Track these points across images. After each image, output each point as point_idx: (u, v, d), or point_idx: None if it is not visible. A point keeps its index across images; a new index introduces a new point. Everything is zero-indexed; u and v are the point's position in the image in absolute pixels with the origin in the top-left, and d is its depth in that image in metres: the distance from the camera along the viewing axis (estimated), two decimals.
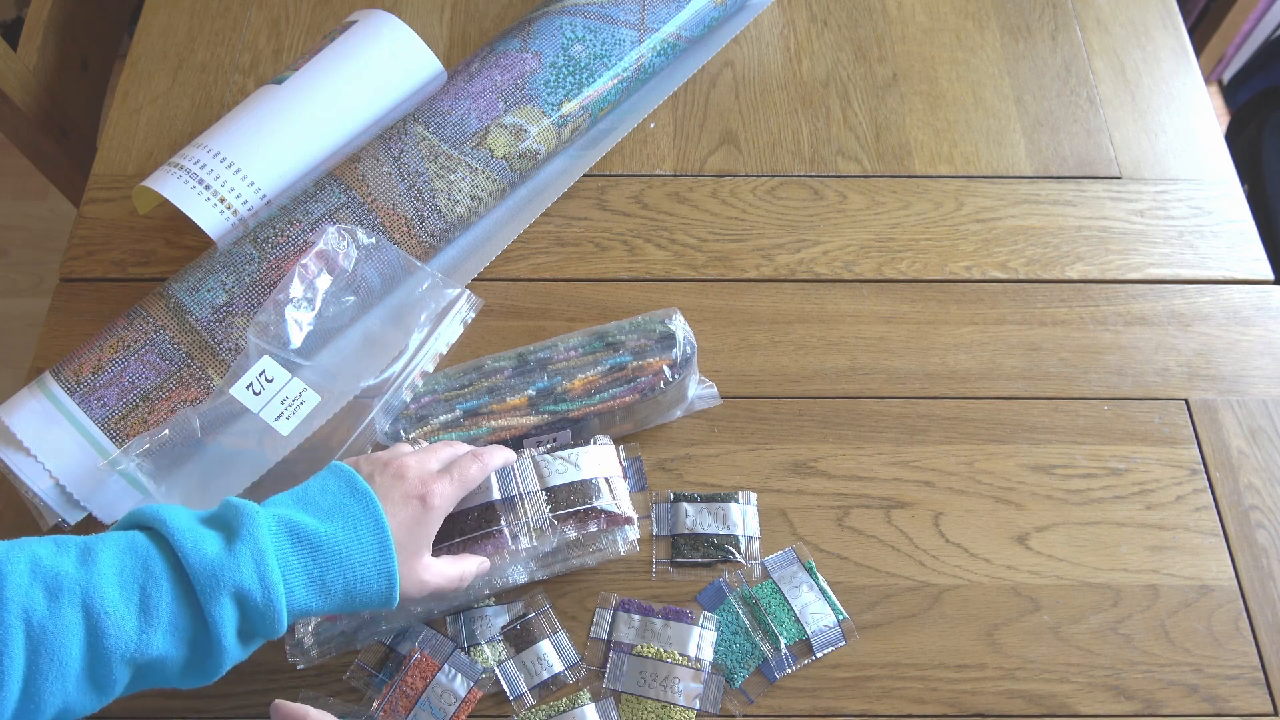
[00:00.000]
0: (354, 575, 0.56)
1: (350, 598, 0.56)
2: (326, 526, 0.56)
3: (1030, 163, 0.88)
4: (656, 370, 0.70)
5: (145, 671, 0.53)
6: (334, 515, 0.57)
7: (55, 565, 0.51)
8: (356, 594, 0.56)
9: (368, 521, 0.57)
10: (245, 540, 0.54)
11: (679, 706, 0.64)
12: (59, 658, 0.50)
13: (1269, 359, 0.78)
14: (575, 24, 0.82)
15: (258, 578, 0.53)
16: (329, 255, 0.72)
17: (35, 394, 0.69)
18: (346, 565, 0.56)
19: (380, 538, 0.57)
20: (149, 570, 0.53)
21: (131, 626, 0.51)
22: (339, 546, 0.56)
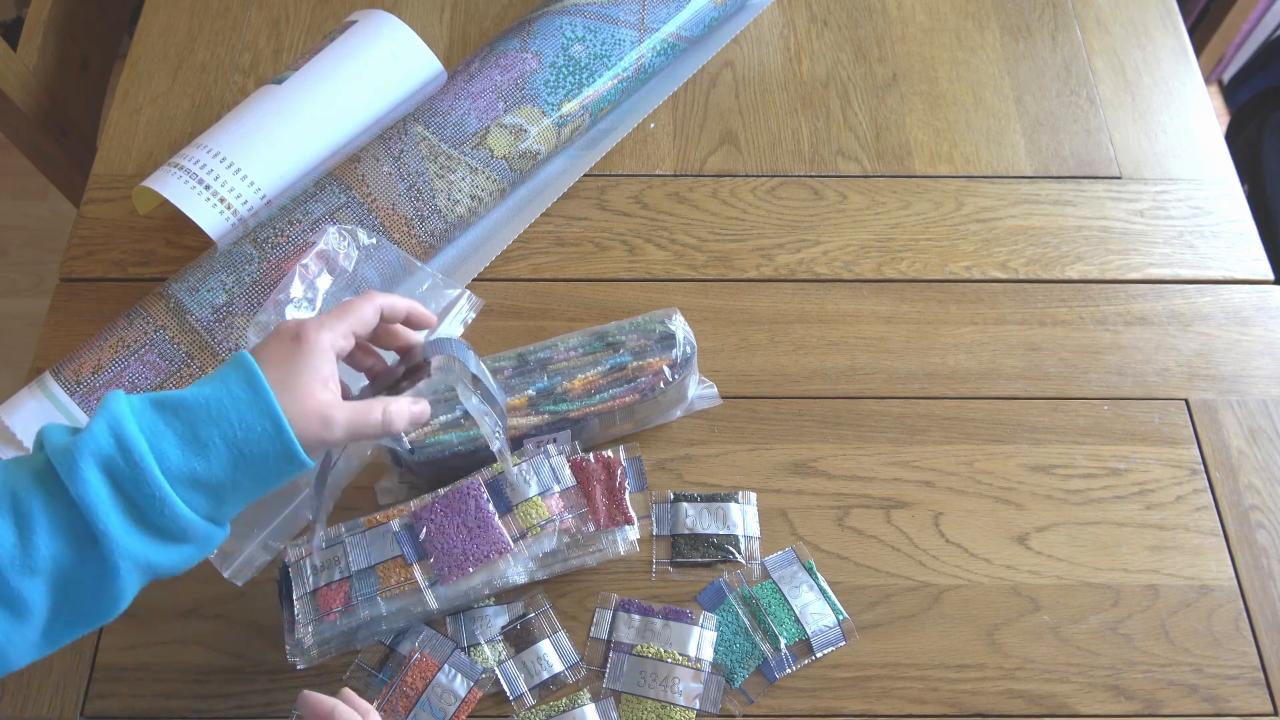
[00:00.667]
0: (230, 423, 0.51)
1: (237, 448, 0.51)
2: (191, 390, 0.52)
3: (1030, 163, 0.88)
4: (656, 370, 0.70)
5: (55, 582, 0.49)
6: (205, 381, 0.53)
7: None
8: (243, 442, 0.51)
9: (235, 372, 0.52)
10: (100, 414, 0.50)
11: (679, 706, 0.64)
12: None
13: (1269, 359, 0.78)
14: (575, 24, 0.82)
15: (114, 440, 0.49)
16: (329, 255, 0.72)
17: (35, 394, 0.69)
18: (217, 415, 0.51)
19: (249, 379, 0.52)
20: (14, 476, 0.49)
21: (8, 536, 0.48)
22: (205, 400, 0.51)
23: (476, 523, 0.64)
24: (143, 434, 0.50)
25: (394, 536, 0.65)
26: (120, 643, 0.68)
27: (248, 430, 0.51)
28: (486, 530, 0.64)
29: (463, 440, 0.69)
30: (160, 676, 0.67)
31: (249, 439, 0.51)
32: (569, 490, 0.67)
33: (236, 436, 0.51)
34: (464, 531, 0.64)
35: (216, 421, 0.51)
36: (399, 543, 0.64)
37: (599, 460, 0.68)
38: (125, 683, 0.66)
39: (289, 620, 0.64)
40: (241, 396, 0.52)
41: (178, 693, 0.66)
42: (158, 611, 0.68)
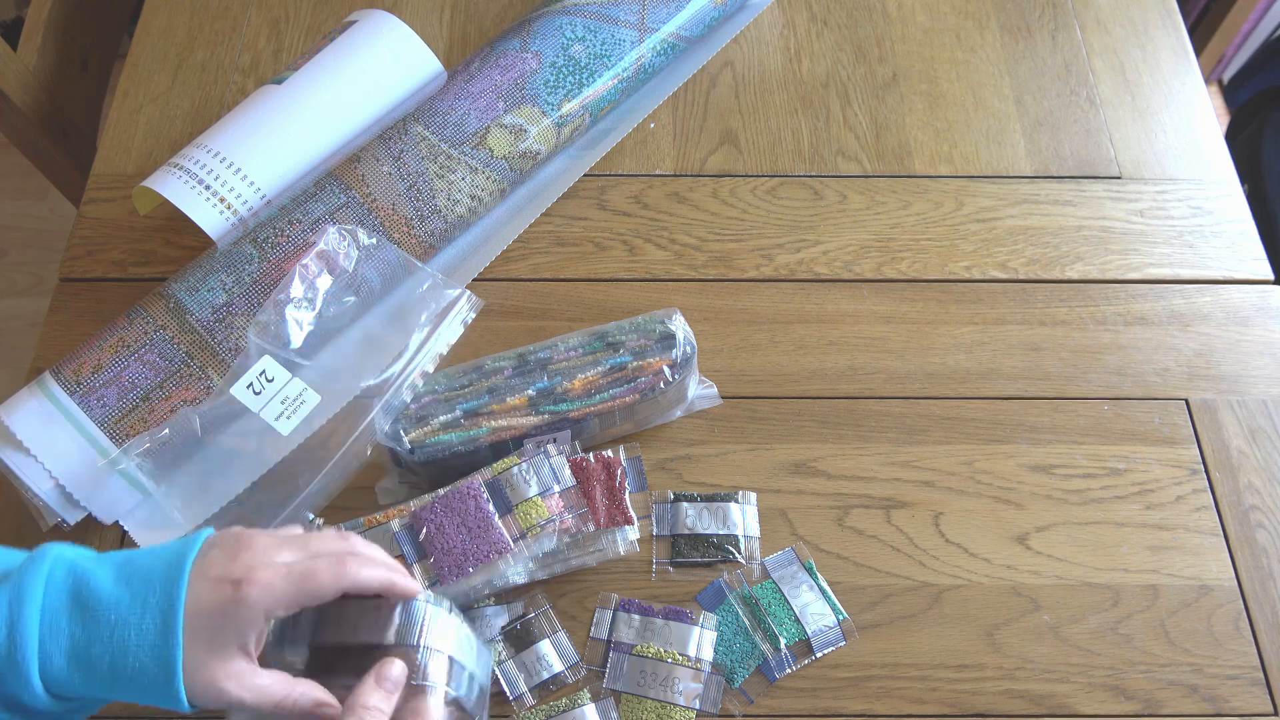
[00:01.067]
0: (123, 654, 0.46)
1: (117, 682, 0.47)
2: (116, 591, 0.47)
3: (1030, 163, 0.88)
4: (656, 370, 0.70)
5: None
6: (135, 579, 0.48)
7: None
8: (127, 678, 0.47)
9: (159, 594, 0.47)
10: (12, 584, 0.46)
11: (679, 706, 0.64)
12: None
13: (1269, 359, 0.78)
14: (575, 24, 0.82)
15: (6, 630, 0.46)
16: (330, 255, 0.72)
17: (35, 394, 0.69)
18: (116, 640, 0.46)
19: (166, 617, 0.47)
20: None
21: None
22: (117, 616, 0.47)
23: (476, 523, 0.64)
24: (38, 630, 0.46)
25: (394, 537, 0.65)
26: None
27: (139, 671, 0.47)
28: (486, 530, 0.64)
29: (463, 440, 0.69)
30: None
31: (138, 680, 0.47)
32: (569, 490, 0.67)
33: (124, 672, 0.47)
34: (464, 531, 0.64)
35: (113, 650, 0.47)
36: (399, 543, 0.64)
37: (599, 460, 0.68)
38: None
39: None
40: (149, 633, 0.47)
41: None
42: None
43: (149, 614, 0.47)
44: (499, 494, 0.66)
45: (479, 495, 0.65)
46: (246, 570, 0.49)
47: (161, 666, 0.47)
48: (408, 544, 0.64)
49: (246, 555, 0.49)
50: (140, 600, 0.47)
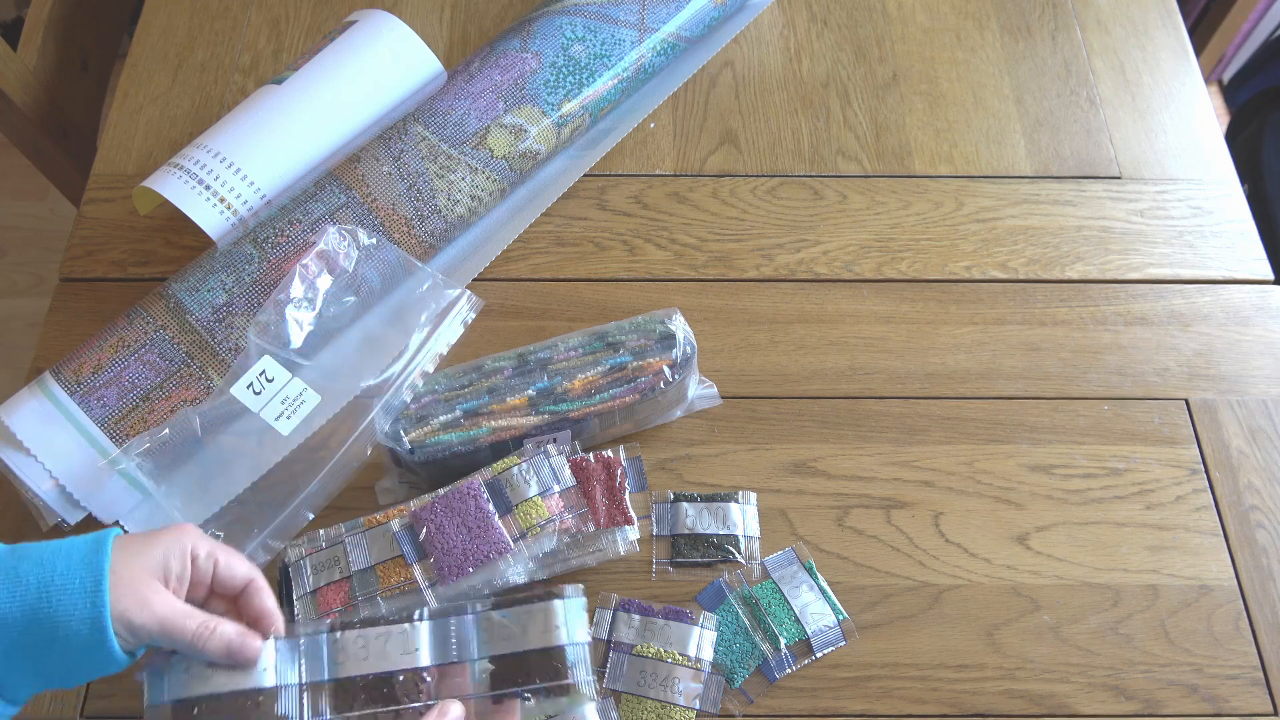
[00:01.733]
0: (52, 568, 0.48)
1: (46, 594, 0.47)
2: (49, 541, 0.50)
3: (1030, 163, 0.88)
4: (656, 370, 0.70)
5: None
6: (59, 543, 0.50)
7: None
8: (53, 589, 0.47)
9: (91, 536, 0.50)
10: None
11: (679, 706, 0.64)
12: None
13: (1269, 359, 0.78)
14: (575, 24, 0.82)
15: None
16: (330, 255, 0.72)
17: (35, 394, 0.69)
18: (45, 560, 0.48)
19: (97, 540, 0.49)
20: None
21: None
22: (42, 547, 0.49)
23: (477, 523, 0.64)
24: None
25: (394, 537, 0.65)
26: None
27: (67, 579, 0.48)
28: (486, 530, 0.64)
29: (463, 440, 0.69)
30: None
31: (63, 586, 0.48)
32: (569, 490, 0.67)
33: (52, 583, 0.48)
34: (464, 531, 0.64)
35: (40, 563, 0.48)
36: (399, 543, 0.64)
37: (599, 460, 0.68)
38: (126, 683, 0.66)
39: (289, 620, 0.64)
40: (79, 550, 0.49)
41: None
42: None
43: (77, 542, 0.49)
44: (499, 494, 0.66)
45: (479, 495, 0.65)
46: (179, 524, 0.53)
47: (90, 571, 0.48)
48: (407, 544, 0.64)
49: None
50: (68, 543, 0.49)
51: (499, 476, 0.66)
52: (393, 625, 0.57)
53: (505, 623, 0.59)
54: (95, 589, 0.48)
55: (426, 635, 0.58)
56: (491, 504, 0.65)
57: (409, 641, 0.57)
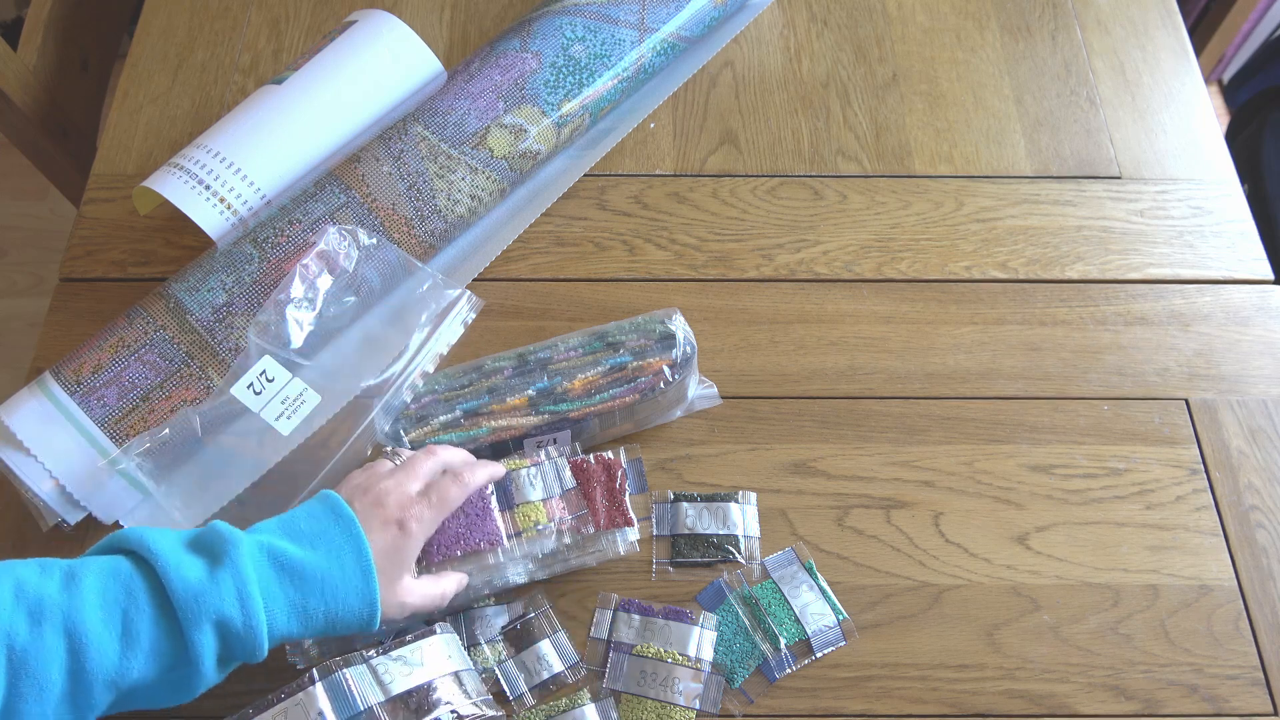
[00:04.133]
0: (335, 602, 0.57)
1: (331, 623, 0.57)
2: (310, 555, 0.57)
3: (1030, 163, 0.88)
4: (656, 370, 0.70)
5: (125, 695, 0.53)
6: (318, 543, 0.57)
7: (39, 589, 0.52)
8: (338, 620, 0.57)
9: (350, 550, 0.58)
10: (228, 567, 0.54)
11: (679, 706, 0.64)
12: (40, 681, 0.50)
13: (1269, 359, 0.78)
14: (575, 24, 0.82)
15: (239, 605, 0.54)
16: (330, 255, 0.72)
17: (35, 394, 0.69)
18: (328, 593, 0.56)
19: (363, 566, 0.57)
20: (132, 595, 0.53)
21: (113, 651, 0.52)
22: (321, 574, 0.56)
23: (476, 511, 0.64)
24: (262, 600, 0.55)
25: None
26: None
27: (348, 611, 0.57)
28: (484, 520, 0.64)
29: (463, 440, 0.69)
30: None
31: (345, 617, 0.57)
32: (569, 492, 0.67)
33: (337, 615, 0.57)
34: (461, 516, 0.64)
35: (325, 598, 0.56)
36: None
37: (599, 462, 0.68)
38: None
39: None
40: (354, 581, 0.57)
41: None
42: None
43: (348, 567, 0.57)
44: (503, 490, 0.66)
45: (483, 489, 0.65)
46: (400, 510, 0.60)
47: (366, 604, 0.57)
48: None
49: (393, 500, 0.60)
50: (336, 559, 0.57)
51: (508, 474, 0.66)
52: (286, 700, 0.56)
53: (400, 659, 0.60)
54: (370, 620, 0.58)
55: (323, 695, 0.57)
56: (495, 497, 0.65)
57: (307, 712, 0.56)
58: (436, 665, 0.60)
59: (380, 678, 0.58)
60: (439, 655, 0.60)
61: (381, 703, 0.57)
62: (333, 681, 0.57)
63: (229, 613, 0.53)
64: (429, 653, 0.60)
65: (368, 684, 0.57)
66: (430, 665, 0.60)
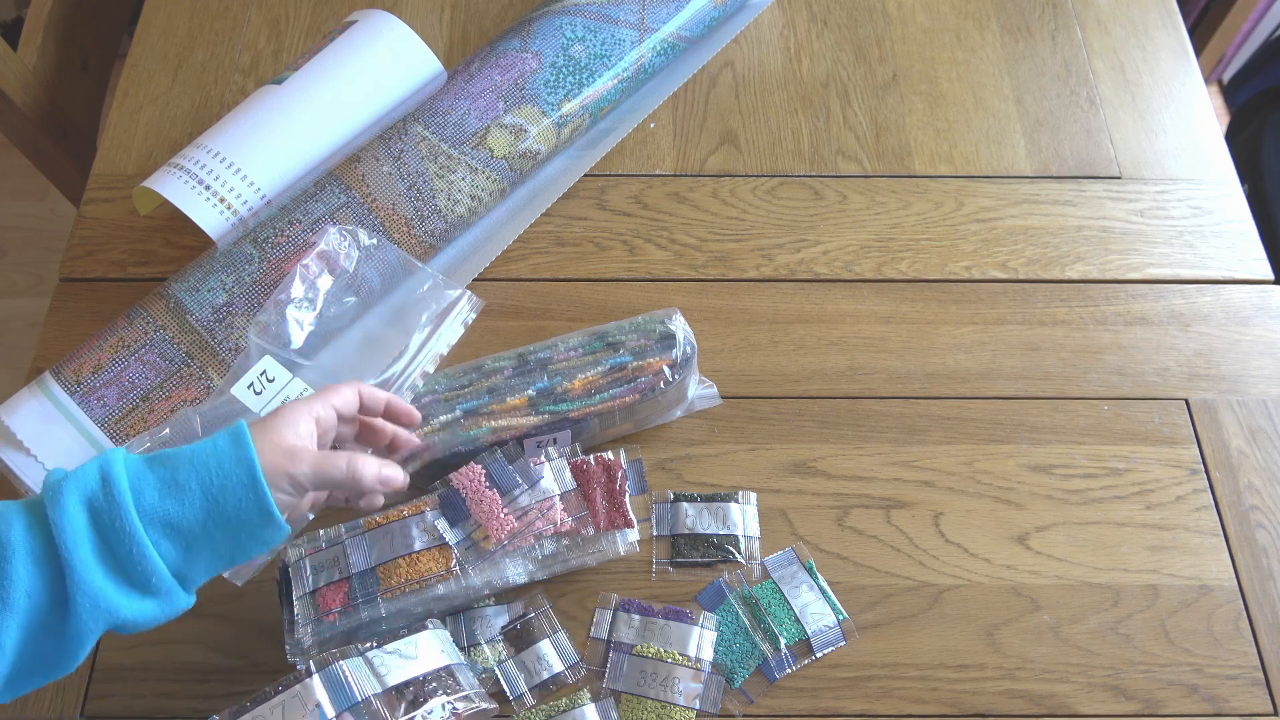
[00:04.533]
0: (208, 470, 0.52)
1: (211, 495, 0.52)
2: (182, 447, 0.54)
3: (1030, 163, 0.88)
4: (656, 370, 0.70)
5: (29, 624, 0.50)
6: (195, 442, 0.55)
7: None
8: (217, 489, 0.52)
9: (225, 431, 0.55)
10: (96, 458, 0.52)
11: (679, 706, 0.64)
12: None
13: (1269, 359, 0.78)
14: (575, 24, 0.82)
15: (99, 476, 0.51)
16: (330, 256, 0.72)
17: (35, 394, 0.69)
18: (199, 463, 0.53)
19: (235, 435, 0.54)
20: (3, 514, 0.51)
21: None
22: (190, 451, 0.53)
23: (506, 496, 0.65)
24: (127, 475, 0.51)
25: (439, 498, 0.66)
26: (120, 643, 0.68)
27: (224, 478, 0.53)
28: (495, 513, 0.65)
29: (463, 440, 0.69)
30: (160, 676, 0.67)
31: (224, 486, 0.53)
32: (569, 493, 0.67)
33: (212, 483, 0.53)
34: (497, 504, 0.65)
35: (196, 468, 0.53)
36: (441, 505, 0.65)
37: (599, 463, 0.68)
38: (125, 683, 0.66)
39: (289, 620, 0.64)
40: (224, 448, 0.53)
41: (178, 693, 0.66)
42: None
43: (220, 440, 0.54)
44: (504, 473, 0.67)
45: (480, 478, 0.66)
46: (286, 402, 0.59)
47: (242, 467, 0.53)
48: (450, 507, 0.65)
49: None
50: (210, 440, 0.54)
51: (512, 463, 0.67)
52: (284, 693, 0.56)
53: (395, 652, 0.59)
54: (253, 482, 0.53)
55: (320, 687, 0.57)
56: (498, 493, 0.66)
57: (304, 703, 0.56)
58: (431, 658, 0.60)
59: (376, 669, 0.58)
60: (433, 649, 0.60)
61: (378, 694, 0.57)
62: (330, 673, 0.57)
63: (91, 484, 0.50)
64: (423, 646, 0.60)
65: (364, 675, 0.57)
66: (425, 658, 0.60)
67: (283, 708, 0.56)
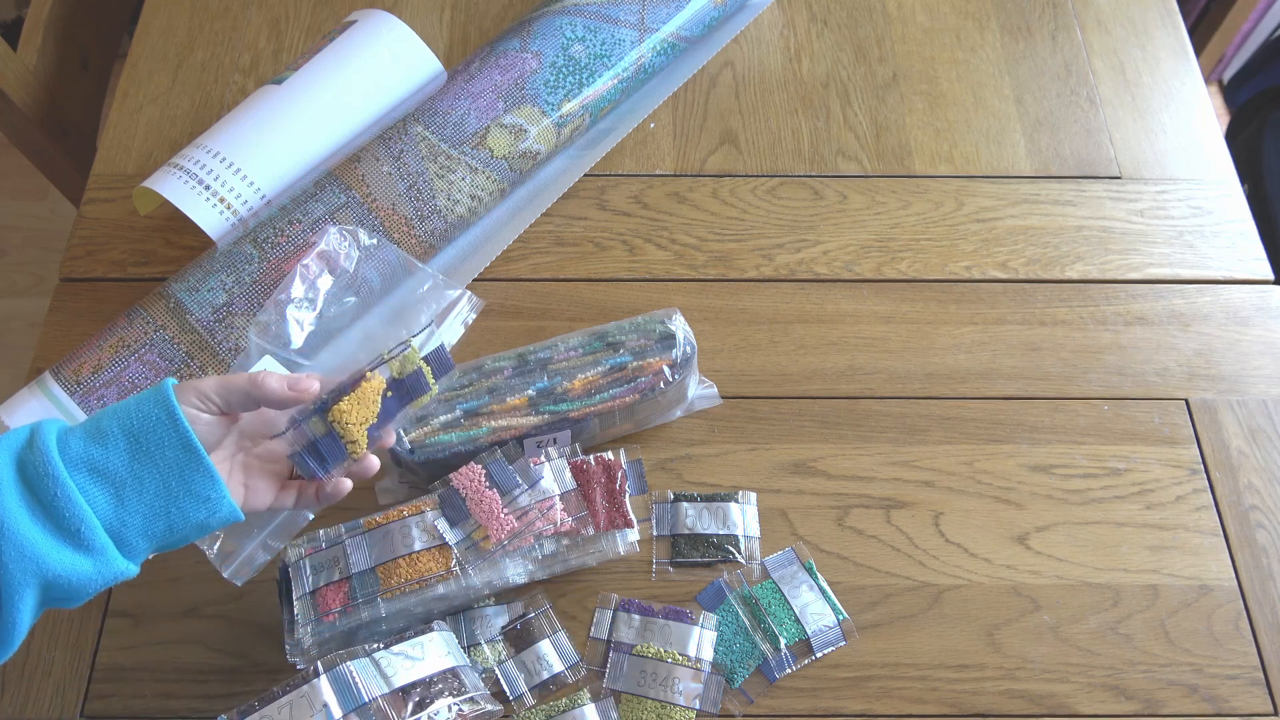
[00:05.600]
0: (129, 414, 0.53)
1: (133, 435, 0.52)
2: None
3: (1030, 163, 0.88)
4: (656, 370, 0.70)
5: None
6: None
7: None
8: (138, 430, 0.53)
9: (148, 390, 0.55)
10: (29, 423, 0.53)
11: (679, 706, 0.64)
12: None
13: (1269, 359, 0.78)
14: (575, 24, 0.82)
15: (28, 432, 0.52)
16: (331, 256, 0.72)
17: (35, 394, 0.69)
18: (120, 410, 0.54)
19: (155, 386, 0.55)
20: None
21: None
22: (113, 405, 0.54)
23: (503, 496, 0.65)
24: (54, 430, 0.52)
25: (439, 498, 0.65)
26: (120, 643, 0.68)
27: (144, 417, 0.53)
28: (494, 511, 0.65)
29: (463, 440, 0.69)
30: (160, 676, 0.67)
31: (144, 423, 0.53)
32: (569, 493, 0.67)
33: (133, 424, 0.53)
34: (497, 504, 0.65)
35: (118, 415, 0.53)
36: (441, 505, 0.65)
37: (599, 463, 0.68)
38: (125, 683, 0.66)
39: (288, 620, 0.64)
40: (145, 394, 0.54)
41: (178, 693, 0.66)
42: (158, 611, 0.68)
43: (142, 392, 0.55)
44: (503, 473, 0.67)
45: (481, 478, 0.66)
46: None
47: (161, 407, 0.53)
48: (450, 506, 0.65)
49: None
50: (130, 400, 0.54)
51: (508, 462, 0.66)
52: (292, 693, 0.56)
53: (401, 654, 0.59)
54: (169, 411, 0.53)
55: (328, 688, 0.57)
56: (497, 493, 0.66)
57: (312, 704, 0.56)
58: (437, 660, 0.60)
59: (383, 670, 0.58)
60: (439, 651, 0.61)
61: (385, 694, 0.57)
62: (337, 674, 0.57)
63: (18, 440, 0.51)
64: (430, 648, 0.60)
65: (371, 676, 0.57)
66: (431, 660, 0.60)
67: (290, 707, 0.56)
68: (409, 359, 0.60)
